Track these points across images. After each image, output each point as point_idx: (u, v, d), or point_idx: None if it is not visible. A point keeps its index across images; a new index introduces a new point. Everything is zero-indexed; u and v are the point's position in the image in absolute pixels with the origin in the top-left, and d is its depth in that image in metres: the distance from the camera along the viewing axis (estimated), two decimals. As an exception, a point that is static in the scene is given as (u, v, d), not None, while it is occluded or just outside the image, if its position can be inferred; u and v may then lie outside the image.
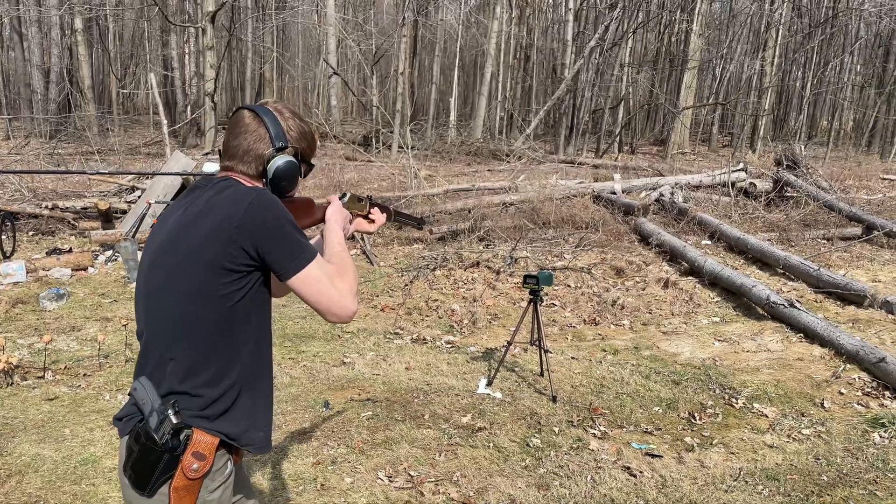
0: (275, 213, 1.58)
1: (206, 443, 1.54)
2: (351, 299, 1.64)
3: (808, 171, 11.65)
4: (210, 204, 1.60)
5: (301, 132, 1.75)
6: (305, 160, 1.79)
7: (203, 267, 1.54)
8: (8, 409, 4.13)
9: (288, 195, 1.76)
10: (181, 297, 1.57)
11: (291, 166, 1.70)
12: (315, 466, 3.55)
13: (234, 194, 1.60)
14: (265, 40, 27.96)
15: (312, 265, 1.60)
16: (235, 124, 1.71)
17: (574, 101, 23.63)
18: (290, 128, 1.72)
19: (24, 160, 15.82)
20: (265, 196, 1.60)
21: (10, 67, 27.96)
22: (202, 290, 1.55)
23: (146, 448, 1.51)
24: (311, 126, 1.80)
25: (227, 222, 1.54)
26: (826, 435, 3.98)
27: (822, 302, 6.63)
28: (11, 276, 6.93)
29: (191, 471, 1.52)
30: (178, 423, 1.50)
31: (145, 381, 1.56)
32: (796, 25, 28.55)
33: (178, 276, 1.57)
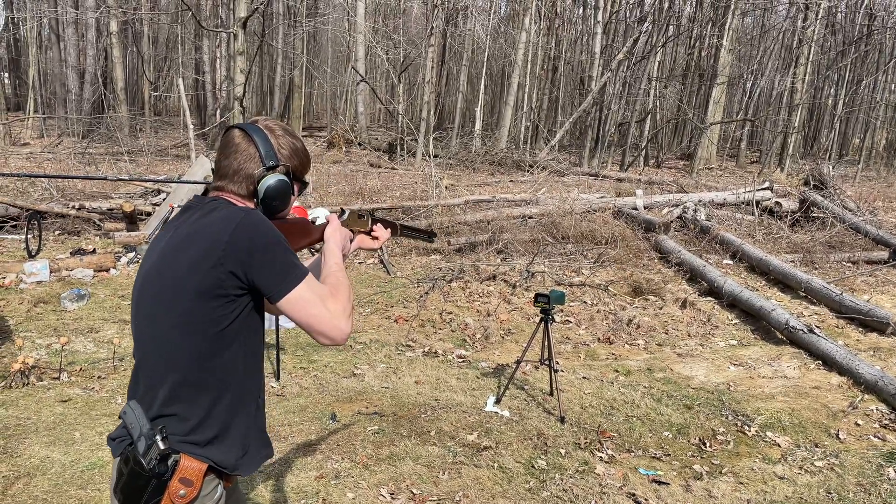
0: (262, 235, 1.55)
1: (193, 469, 1.53)
2: (344, 321, 1.60)
3: (835, 192, 11.45)
4: (197, 226, 1.58)
5: (293, 149, 1.73)
6: (298, 178, 1.76)
7: (190, 294, 1.53)
8: (21, 410, 4.20)
9: (280, 215, 1.74)
10: (168, 324, 1.56)
11: (282, 185, 1.67)
12: (318, 480, 3.56)
13: (222, 216, 1.57)
14: (295, 46, 28.23)
15: (302, 286, 1.57)
16: (226, 144, 1.69)
17: (600, 113, 23.53)
18: (280, 146, 1.69)
19: (56, 159, 16.14)
20: (253, 217, 1.57)
21: (47, 67, 28.57)
22: (190, 317, 1.54)
23: (134, 472, 1.51)
24: (303, 143, 1.77)
25: (215, 246, 1.52)
26: (839, 468, 3.90)
27: (844, 328, 6.51)
28: (35, 276, 7.06)
29: (178, 497, 1.51)
30: (165, 449, 1.49)
31: (135, 405, 1.57)
32: (829, 42, 28.16)
33: (166, 304, 1.56)
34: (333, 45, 35.29)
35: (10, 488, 3.33)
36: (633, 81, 23.65)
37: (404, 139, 21.29)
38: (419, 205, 10.88)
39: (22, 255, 7.87)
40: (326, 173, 15.47)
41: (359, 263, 8.65)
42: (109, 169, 14.12)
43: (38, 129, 22.19)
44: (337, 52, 35.73)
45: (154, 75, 29.41)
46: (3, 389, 4.48)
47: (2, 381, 4.56)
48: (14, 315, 5.93)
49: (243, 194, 1.68)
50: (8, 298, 6.32)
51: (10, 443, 3.77)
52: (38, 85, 24.21)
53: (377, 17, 29.44)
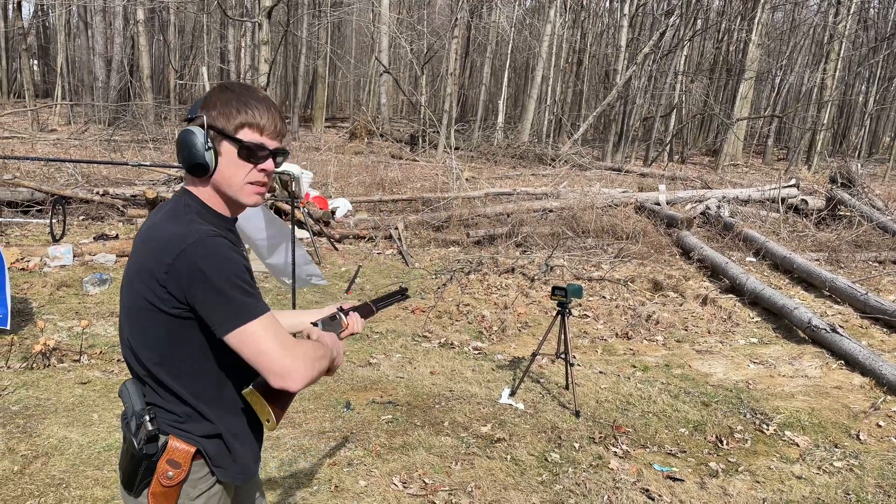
0: (209, 268, 1.38)
1: (181, 451, 1.50)
2: (299, 362, 1.42)
3: (863, 190, 11.25)
4: (151, 233, 1.48)
5: (213, 98, 1.50)
6: (223, 132, 1.48)
7: (142, 304, 1.46)
8: (42, 391, 4.26)
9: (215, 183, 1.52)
10: (136, 329, 1.51)
11: (186, 135, 1.47)
12: (331, 467, 3.57)
13: (172, 230, 1.44)
14: (319, 37, 28.29)
15: (255, 323, 1.40)
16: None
17: (625, 107, 23.32)
18: (210, 97, 1.51)
19: (82, 145, 16.34)
20: (203, 245, 1.40)
21: (75, 55, 28.94)
22: (145, 328, 1.48)
23: (128, 452, 1.51)
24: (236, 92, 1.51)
25: (158, 266, 1.41)
26: (859, 469, 3.83)
27: (868, 328, 6.39)
28: (59, 259, 7.15)
29: (165, 478, 1.49)
30: (152, 431, 1.47)
31: (132, 384, 1.54)
32: (861, 38, 27.61)
33: (131, 311, 1.51)
34: (358, 36, 35.34)
35: (28, 467, 3.38)
36: (659, 75, 23.39)
37: (426, 131, 21.27)
38: (439, 196, 10.87)
39: (46, 239, 7.98)
40: (348, 164, 15.51)
41: (377, 254, 8.66)
42: (134, 156, 14.27)
43: (65, 116, 22.49)
44: (361, 42, 35.77)
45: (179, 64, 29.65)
46: (24, 370, 4.55)
47: (23, 362, 4.63)
48: (37, 298, 6.02)
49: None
50: (32, 281, 6.41)
51: (29, 423, 3.83)
52: (65, 72, 24.52)
53: (402, 8, 29.41)
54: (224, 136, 1.49)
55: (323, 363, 1.51)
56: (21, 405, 4.04)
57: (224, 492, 1.61)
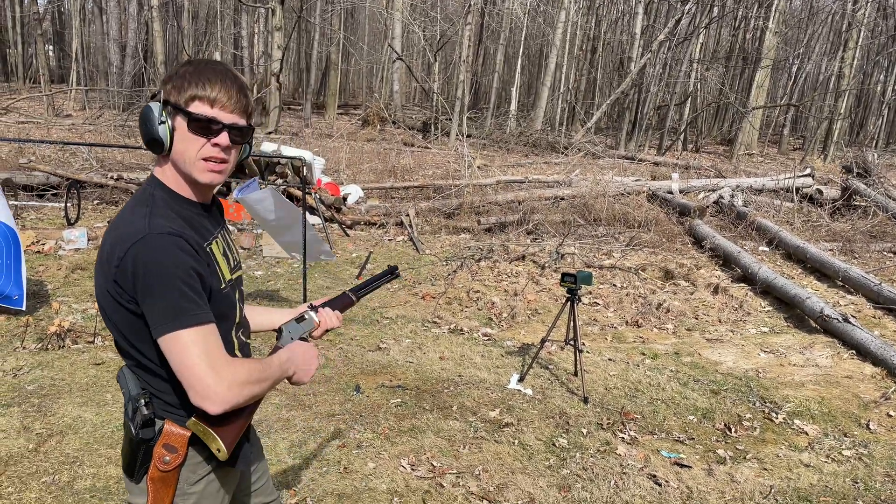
0: (148, 267, 1.35)
1: (176, 435, 1.47)
2: (223, 385, 1.35)
3: (879, 180, 11.13)
4: (115, 223, 1.46)
5: (171, 73, 1.46)
6: (176, 106, 1.43)
7: (104, 295, 1.45)
8: (57, 371, 4.32)
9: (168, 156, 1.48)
10: (105, 318, 1.48)
11: (145, 112, 1.44)
12: (340, 449, 3.61)
13: (129, 223, 1.41)
14: (333, 23, 28.25)
15: (187, 332, 1.35)
16: None
17: (639, 95, 23.15)
18: (171, 72, 1.47)
19: (97, 130, 16.45)
20: (148, 242, 1.36)
21: (90, 40, 29.06)
22: (113, 317, 1.46)
23: (126, 437, 1.49)
24: (193, 65, 1.46)
25: (110, 260, 1.40)
26: (868, 458, 3.82)
27: (881, 318, 6.35)
28: (74, 243, 7.23)
29: (162, 463, 1.46)
30: (147, 415, 1.45)
31: (126, 370, 1.52)
32: (880, 27, 27.21)
33: (100, 300, 1.49)
34: (371, 22, 35.24)
35: (43, 445, 3.44)
36: (674, 63, 23.19)
37: (439, 118, 21.23)
38: (451, 184, 10.87)
39: (61, 222, 8.07)
40: (360, 151, 15.52)
41: (388, 241, 8.68)
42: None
43: (80, 101, 22.64)
44: (374, 29, 35.67)
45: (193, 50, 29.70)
46: (39, 351, 4.61)
47: (39, 343, 4.70)
48: (52, 280, 6.09)
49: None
50: (47, 264, 6.49)
51: (44, 402, 3.89)
52: (80, 57, 24.65)
53: (415, -6, 29.24)
54: (177, 110, 1.43)
55: (258, 387, 1.44)
56: (36, 385, 4.11)
57: (225, 476, 1.59)
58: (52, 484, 3.13)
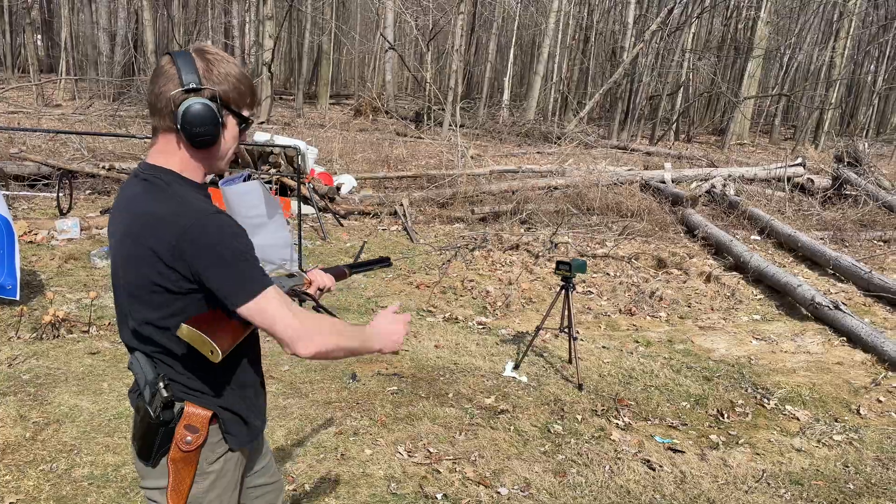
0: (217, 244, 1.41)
1: (198, 416, 1.52)
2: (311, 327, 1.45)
3: (870, 169, 11.20)
4: (141, 216, 1.46)
5: (223, 73, 1.48)
6: (232, 109, 1.51)
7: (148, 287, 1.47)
8: (52, 361, 4.32)
9: (213, 152, 1.53)
10: (143, 309, 1.50)
11: (204, 108, 1.43)
12: (337, 436, 3.63)
13: (169, 210, 1.43)
14: (324, 12, 28.08)
15: (270, 290, 1.44)
16: (154, 71, 1.49)
17: (631, 85, 23.16)
18: (208, 69, 1.46)
19: (87, 120, 16.33)
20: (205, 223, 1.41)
21: (79, 29, 28.79)
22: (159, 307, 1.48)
23: (144, 421, 1.51)
24: (241, 70, 1.52)
25: (160, 247, 1.42)
26: (858, 442, 3.88)
27: (871, 306, 6.41)
28: (66, 233, 7.20)
29: (184, 443, 1.51)
30: (168, 397, 1.49)
31: (140, 356, 1.54)
32: (872, 16, 27.29)
33: (137, 292, 1.50)
34: (362, 11, 35.05)
35: (40, 434, 3.45)
36: (666, 53, 23.21)
37: (431, 108, 21.18)
38: (444, 174, 10.86)
39: (53, 212, 8.03)
40: (353, 141, 15.47)
41: (382, 230, 8.69)
42: (139, 131, 14.26)
43: (69, 91, 22.44)
44: (366, 18, 35.49)
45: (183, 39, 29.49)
46: (34, 341, 4.61)
47: (33, 333, 4.69)
48: (45, 270, 6.07)
49: (168, 126, 1.48)
50: (40, 254, 6.47)
51: (40, 391, 3.90)
52: (69, 47, 24.40)
53: (407, -16, 29.07)
54: (232, 112, 1.51)
55: (343, 339, 1.52)
56: (32, 374, 4.10)
57: (241, 455, 1.65)
58: (49, 472, 3.14)
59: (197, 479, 1.55)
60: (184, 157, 1.52)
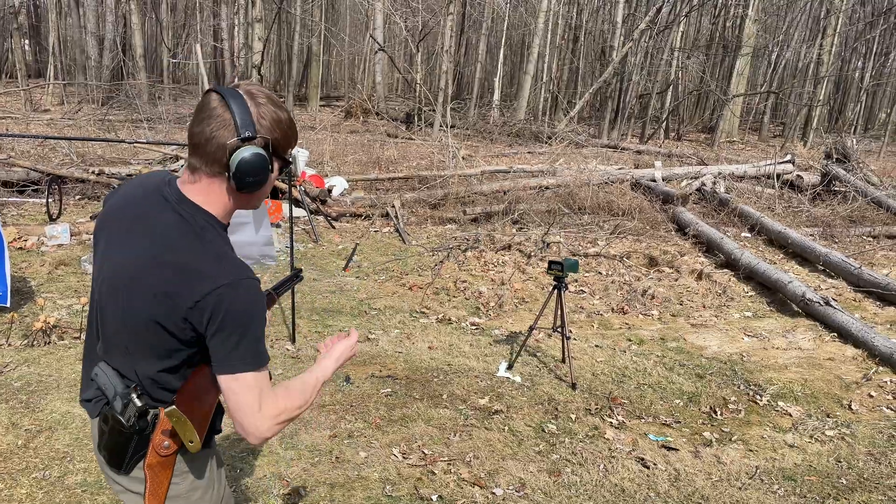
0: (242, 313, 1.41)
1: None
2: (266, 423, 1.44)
3: (858, 166, 11.28)
4: (169, 254, 1.44)
5: (274, 120, 1.48)
6: (279, 154, 1.52)
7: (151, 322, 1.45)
8: (43, 367, 4.29)
9: (256, 194, 1.54)
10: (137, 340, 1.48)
11: (259, 159, 1.44)
12: (331, 439, 3.63)
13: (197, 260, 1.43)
14: (314, 14, 28.04)
15: (253, 374, 1.43)
16: (201, 108, 1.46)
17: (621, 84, 23.22)
18: (262, 115, 1.46)
19: (76, 125, 16.25)
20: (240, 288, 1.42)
21: (67, 34, 28.63)
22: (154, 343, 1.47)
23: (115, 430, 1.49)
24: (289, 115, 1.54)
25: (183, 296, 1.40)
26: (850, 438, 3.90)
27: (861, 302, 6.46)
28: (56, 238, 7.16)
29: (162, 448, 1.50)
30: (142, 406, 1.47)
31: (105, 367, 1.52)
32: (858, 13, 27.47)
33: (136, 322, 1.47)
34: (352, 13, 35.03)
35: (32, 441, 3.43)
36: (656, 52, 23.28)
37: (422, 109, 21.17)
38: (436, 175, 10.87)
39: (43, 218, 7.98)
40: (343, 143, 15.47)
41: (374, 232, 8.68)
42: (129, 136, 14.20)
43: (58, 96, 22.32)
44: (355, 19, 35.47)
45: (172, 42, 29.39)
46: (25, 347, 4.58)
47: (24, 340, 4.66)
48: (36, 276, 6.04)
49: (216, 171, 1.47)
50: (30, 260, 6.43)
51: (32, 398, 3.87)
52: (57, 52, 24.28)
53: (396, -15, 29.06)
54: (279, 159, 1.53)
55: (296, 412, 1.52)
56: (23, 381, 4.08)
57: (215, 452, 1.68)
58: (42, 480, 3.12)
59: (176, 480, 1.55)
60: (225, 202, 1.52)
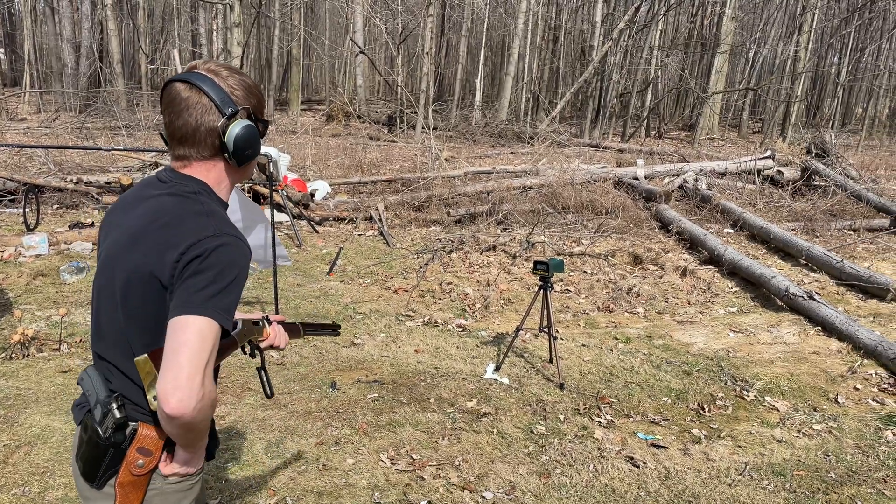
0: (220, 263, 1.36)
1: (152, 438, 1.45)
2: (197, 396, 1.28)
3: (837, 160, 11.39)
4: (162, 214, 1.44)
5: (246, 88, 1.51)
6: (259, 118, 1.54)
7: (146, 276, 1.40)
8: (22, 381, 4.21)
9: (249, 164, 1.56)
10: (132, 303, 1.44)
11: (250, 130, 1.47)
12: (318, 446, 3.58)
13: (186, 221, 1.41)
14: (293, 18, 27.90)
15: (204, 320, 1.31)
16: (172, 101, 1.45)
17: (601, 83, 23.31)
18: (233, 87, 1.48)
19: (53, 133, 16.03)
20: (228, 243, 1.39)
21: (43, 41, 28.28)
22: (147, 301, 1.41)
23: (92, 441, 1.44)
24: (251, 79, 1.55)
25: (174, 245, 1.38)
26: (837, 431, 3.91)
27: (844, 295, 6.50)
28: (34, 249, 7.04)
29: (135, 467, 1.43)
30: (120, 418, 1.41)
31: (92, 371, 1.50)
32: (833, 9, 27.78)
33: (129, 282, 1.43)
34: (331, 16, 34.90)
35: (11, 457, 3.35)
36: (635, 51, 23.39)
37: (404, 111, 21.12)
38: (419, 177, 10.83)
39: (20, 228, 7.85)
40: (326, 146, 15.37)
41: (358, 235, 8.63)
42: (107, 143, 14.03)
43: (34, 105, 22.04)
44: (335, 23, 35.34)
45: (150, 48, 29.13)
46: (3, 361, 4.49)
47: (2, 353, 4.57)
48: (13, 288, 5.93)
49: (210, 154, 1.49)
50: (7, 272, 6.31)
51: (10, 412, 3.79)
52: (33, 59, 23.99)
53: (375, -13, 29.01)
54: (260, 122, 1.55)
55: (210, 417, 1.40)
56: (1, 395, 3.99)
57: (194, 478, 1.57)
58: (22, 496, 3.05)
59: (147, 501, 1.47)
60: (220, 176, 1.53)
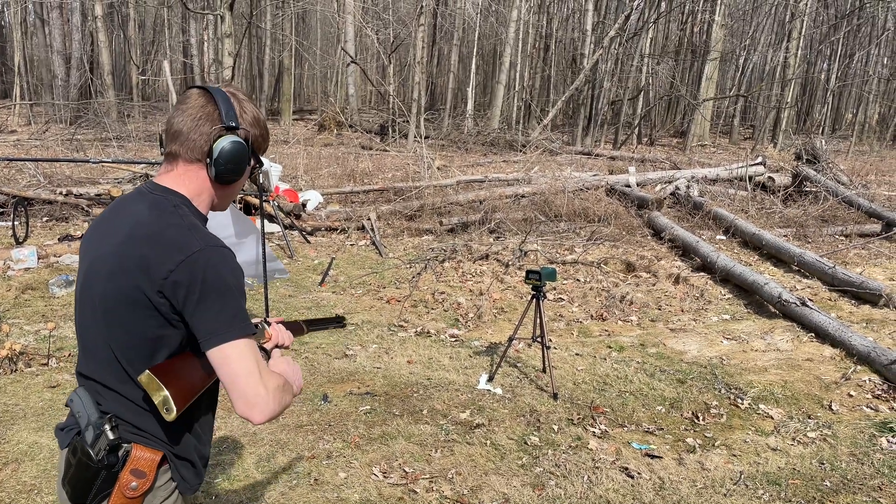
0: (215, 279, 1.38)
1: (146, 459, 1.43)
2: (270, 394, 1.38)
3: (828, 166, 11.44)
4: (140, 228, 1.43)
5: (255, 118, 1.55)
6: (255, 152, 1.56)
7: (133, 298, 1.40)
8: (10, 396, 4.15)
9: (228, 188, 1.57)
10: (118, 326, 1.43)
11: (239, 148, 1.48)
12: (310, 460, 3.54)
13: (174, 233, 1.41)
14: (284, 28, 27.94)
15: (245, 341, 1.38)
16: (184, 101, 1.50)
17: (593, 91, 23.40)
18: (244, 110, 1.53)
19: (43, 145, 15.96)
20: (210, 255, 1.39)
21: (33, 53, 28.22)
22: (135, 323, 1.41)
23: (82, 464, 1.41)
24: (265, 118, 1.60)
25: (157, 266, 1.37)
26: (832, 439, 3.90)
27: (837, 301, 6.50)
28: (23, 262, 6.98)
29: (128, 489, 1.41)
30: (114, 440, 1.40)
31: (83, 392, 1.47)
32: (822, 16, 28.01)
33: (116, 305, 1.43)
34: (323, 26, 34.97)
35: (-3, 474, 3.30)
36: (626, 59, 23.51)
37: (396, 121, 21.14)
38: (411, 186, 10.82)
39: (9, 241, 7.79)
40: (317, 156, 15.36)
41: (350, 245, 8.60)
42: (97, 155, 13.97)
43: (24, 116, 21.96)
44: (326, 33, 35.40)
45: (141, 60, 29.09)
46: (-10, 376, 4.43)
47: (-11, 368, 4.51)
48: (2, 302, 5.87)
49: (196, 157, 1.49)
50: (-5, 285, 6.25)
51: (-3, 429, 3.74)
52: (23, 71, 23.92)
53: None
54: (253, 156, 1.56)
55: (287, 398, 1.47)
56: (-12, 412, 3.94)
57: (182, 499, 1.56)
58: (8, 515, 3.00)
59: None
60: (201, 187, 1.53)
